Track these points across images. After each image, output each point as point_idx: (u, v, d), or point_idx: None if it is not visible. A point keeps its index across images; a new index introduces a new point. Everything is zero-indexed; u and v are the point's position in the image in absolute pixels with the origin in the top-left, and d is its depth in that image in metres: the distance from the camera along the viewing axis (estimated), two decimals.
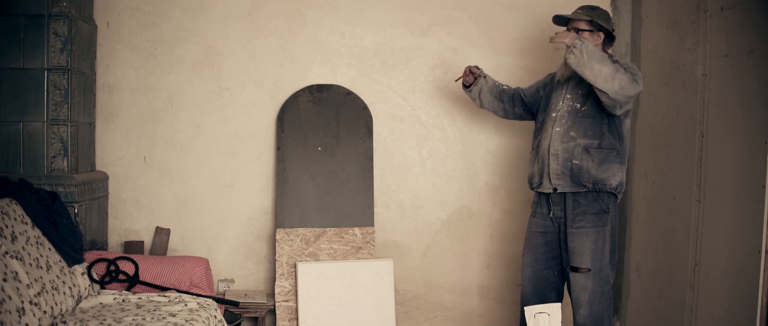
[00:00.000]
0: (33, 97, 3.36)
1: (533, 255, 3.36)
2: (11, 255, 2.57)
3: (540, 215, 3.35)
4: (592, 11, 3.26)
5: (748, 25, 2.94)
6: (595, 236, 3.18)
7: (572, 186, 3.19)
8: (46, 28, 3.35)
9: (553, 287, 3.36)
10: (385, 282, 3.84)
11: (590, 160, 3.16)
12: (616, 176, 3.19)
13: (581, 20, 3.24)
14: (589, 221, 3.19)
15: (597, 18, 3.23)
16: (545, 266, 3.35)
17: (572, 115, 3.22)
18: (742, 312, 2.86)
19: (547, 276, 3.35)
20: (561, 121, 3.24)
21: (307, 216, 3.88)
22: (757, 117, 2.83)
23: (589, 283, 3.17)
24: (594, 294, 3.18)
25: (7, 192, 2.86)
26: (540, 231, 3.34)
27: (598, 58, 3.03)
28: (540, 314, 2.79)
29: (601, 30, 3.25)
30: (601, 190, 3.19)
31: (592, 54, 3.03)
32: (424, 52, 4.08)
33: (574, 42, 3.06)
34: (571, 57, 3.05)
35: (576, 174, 3.17)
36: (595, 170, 3.16)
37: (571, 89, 3.28)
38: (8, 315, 2.36)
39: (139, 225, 3.95)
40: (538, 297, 3.34)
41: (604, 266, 3.20)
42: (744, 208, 2.89)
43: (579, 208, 3.20)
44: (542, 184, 3.29)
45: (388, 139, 4.08)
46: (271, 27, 3.99)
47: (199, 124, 3.97)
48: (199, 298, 3.11)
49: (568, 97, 3.27)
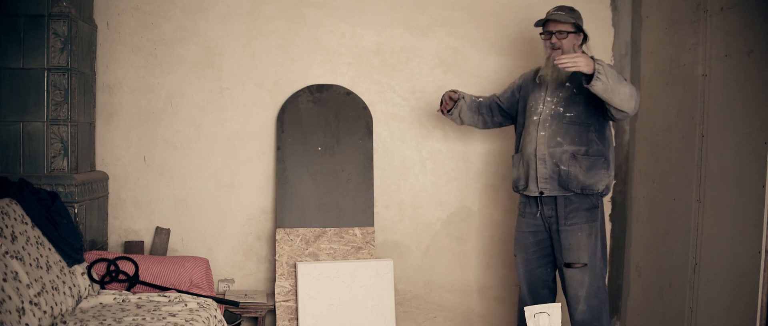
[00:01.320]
0: (33, 97, 3.36)
1: (525, 255, 3.39)
2: (11, 255, 2.57)
3: (529, 215, 3.36)
4: (572, 13, 3.26)
5: (748, 25, 2.94)
6: (588, 231, 3.21)
7: (560, 190, 3.21)
8: (46, 28, 3.35)
9: (546, 285, 3.39)
10: (385, 282, 3.84)
11: (578, 167, 3.17)
12: (603, 181, 3.22)
13: (566, 22, 3.22)
14: (581, 217, 3.21)
15: (578, 19, 3.24)
16: (537, 265, 3.37)
17: (556, 120, 3.22)
18: (742, 312, 2.86)
19: (540, 275, 3.37)
20: (544, 125, 3.24)
21: (307, 216, 3.88)
22: (757, 117, 2.83)
23: (585, 278, 3.19)
24: (591, 289, 3.19)
25: (7, 192, 2.86)
26: (530, 230, 3.36)
27: (617, 79, 2.98)
28: (540, 314, 2.79)
29: (580, 31, 3.24)
30: (589, 194, 3.21)
31: (613, 75, 2.97)
32: (424, 52, 4.08)
33: (596, 66, 2.94)
34: (598, 84, 2.93)
35: (564, 180, 3.19)
36: (583, 176, 3.18)
37: (551, 92, 3.28)
38: (8, 315, 2.36)
39: (139, 225, 3.95)
40: (532, 295, 3.37)
41: (598, 260, 3.23)
42: (744, 208, 2.89)
43: (571, 205, 3.21)
44: (528, 187, 3.30)
45: (388, 139, 4.08)
46: (271, 27, 3.99)
47: (199, 124, 3.97)
48: (199, 298, 3.11)
49: (549, 100, 3.27)
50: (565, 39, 3.23)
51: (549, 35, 3.27)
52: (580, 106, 3.21)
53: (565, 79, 3.25)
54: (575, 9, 3.30)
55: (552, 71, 3.29)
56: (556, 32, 3.24)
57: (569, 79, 3.25)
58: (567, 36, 3.23)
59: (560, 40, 3.24)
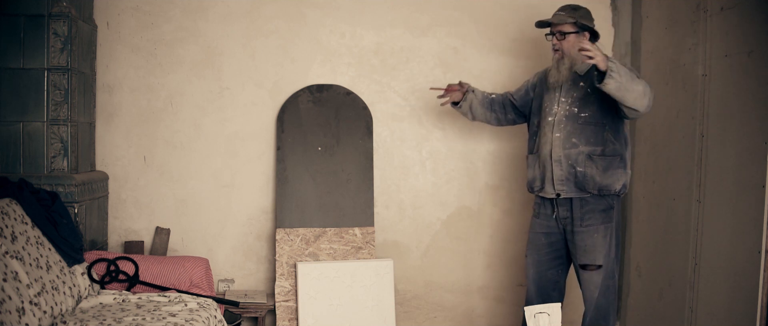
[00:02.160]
0: (33, 97, 3.36)
1: (537, 256, 3.35)
2: (11, 255, 2.57)
3: (544, 216, 3.32)
4: (574, 12, 3.20)
5: (748, 25, 2.94)
6: (604, 232, 3.17)
7: (576, 191, 3.17)
8: (46, 28, 3.35)
9: (556, 286, 3.36)
10: (385, 282, 3.84)
11: (594, 168, 3.13)
12: (620, 181, 3.17)
13: (566, 23, 3.19)
14: (597, 218, 3.17)
15: (581, 18, 3.18)
16: (549, 266, 3.33)
17: (571, 120, 3.18)
18: (742, 312, 2.86)
19: (551, 276, 3.34)
20: (560, 126, 3.20)
21: (307, 216, 3.88)
22: (757, 117, 2.83)
23: (598, 279, 3.17)
24: (605, 291, 3.18)
25: (7, 192, 2.86)
26: (543, 231, 3.32)
27: (630, 77, 2.94)
28: (540, 314, 2.79)
29: (585, 29, 3.20)
30: (606, 194, 3.18)
31: (626, 74, 2.92)
32: (424, 52, 4.08)
33: (609, 64, 2.88)
34: (612, 83, 2.88)
35: (581, 181, 3.15)
36: (600, 177, 3.13)
37: (565, 92, 3.23)
38: (8, 315, 2.36)
39: (139, 225, 3.95)
40: (541, 297, 3.34)
41: (611, 260, 3.20)
42: (744, 208, 2.89)
43: (587, 206, 3.18)
44: (544, 189, 3.25)
45: (388, 139, 4.08)
46: (271, 27, 3.99)
47: (199, 124, 3.97)
48: (199, 298, 3.11)
49: (563, 101, 3.22)
50: (565, 40, 3.19)
51: (551, 36, 3.25)
52: (595, 106, 3.16)
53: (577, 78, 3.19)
54: (580, 7, 3.24)
55: (558, 75, 3.23)
56: (556, 34, 3.22)
57: (582, 78, 3.20)
58: (566, 37, 3.19)
59: (560, 42, 3.21)
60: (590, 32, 3.22)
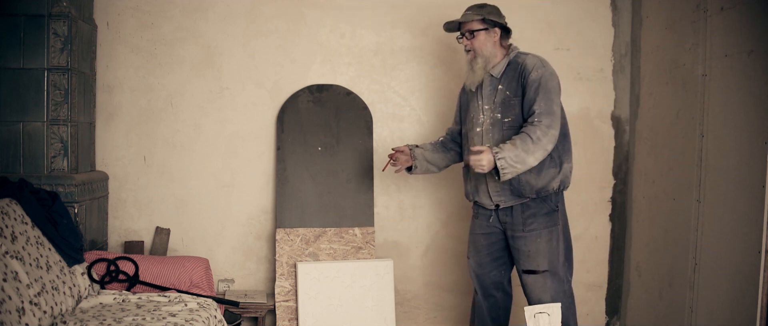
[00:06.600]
0: (33, 97, 3.36)
1: (477, 258, 3.29)
2: (11, 255, 2.57)
3: (483, 216, 3.24)
4: (481, 9, 3.13)
5: (748, 25, 2.94)
6: (548, 237, 3.07)
7: (515, 199, 3.08)
8: (46, 28, 3.35)
9: (499, 287, 3.29)
10: (385, 282, 3.84)
11: (528, 172, 3.00)
12: (555, 179, 3.07)
13: (473, 21, 3.11)
14: (540, 223, 3.07)
15: (488, 14, 3.10)
16: (490, 267, 3.27)
17: (497, 127, 3.08)
18: (742, 312, 2.86)
19: (493, 277, 3.27)
20: (487, 136, 3.10)
21: (307, 216, 3.88)
22: (757, 117, 2.83)
23: (548, 283, 3.06)
24: (556, 295, 3.06)
25: (7, 192, 2.86)
26: (483, 232, 3.25)
27: (525, 151, 2.87)
28: (540, 314, 2.79)
29: (495, 25, 3.12)
30: (546, 196, 3.08)
31: (517, 156, 2.86)
32: (424, 52, 4.08)
33: (495, 163, 2.86)
34: (508, 174, 2.88)
35: (516, 188, 3.05)
36: (535, 180, 3.03)
37: (486, 98, 3.13)
38: (8, 315, 2.36)
39: (139, 225, 3.95)
40: (485, 298, 3.29)
41: (561, 265, 3.09)
42: (744, 208, 2.89)
43: (528, 211, 3.08)
44: (482, 201, 3.20)
45: (388, 139, 4.08)
46: (271, 27, 3.99)
47: (199, 124, 3.97)
48: (199, 298, 3.11)
49: (486, 108, 3.13)
50: (475, 39, 3.11)
51: (462, 37, 3.16)
52: (517, 109, 3.04)
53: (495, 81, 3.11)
54: (487, 4, 3.15)
55: (473, 77, 3.14)
56: (465, 33, 3.13)
57: (500, 80, 3.10)
58: (475, 35, 3.10)
59: (470, 41, 3.12)
60: (501, 28, 3.14)
